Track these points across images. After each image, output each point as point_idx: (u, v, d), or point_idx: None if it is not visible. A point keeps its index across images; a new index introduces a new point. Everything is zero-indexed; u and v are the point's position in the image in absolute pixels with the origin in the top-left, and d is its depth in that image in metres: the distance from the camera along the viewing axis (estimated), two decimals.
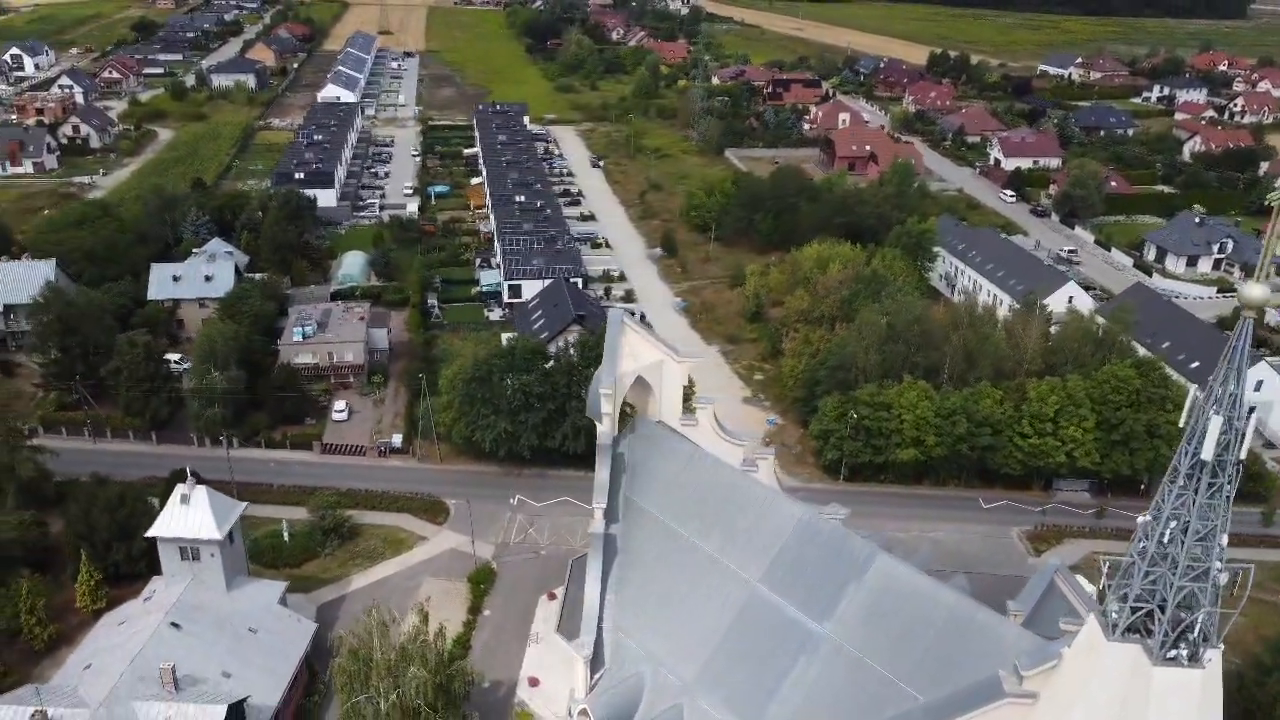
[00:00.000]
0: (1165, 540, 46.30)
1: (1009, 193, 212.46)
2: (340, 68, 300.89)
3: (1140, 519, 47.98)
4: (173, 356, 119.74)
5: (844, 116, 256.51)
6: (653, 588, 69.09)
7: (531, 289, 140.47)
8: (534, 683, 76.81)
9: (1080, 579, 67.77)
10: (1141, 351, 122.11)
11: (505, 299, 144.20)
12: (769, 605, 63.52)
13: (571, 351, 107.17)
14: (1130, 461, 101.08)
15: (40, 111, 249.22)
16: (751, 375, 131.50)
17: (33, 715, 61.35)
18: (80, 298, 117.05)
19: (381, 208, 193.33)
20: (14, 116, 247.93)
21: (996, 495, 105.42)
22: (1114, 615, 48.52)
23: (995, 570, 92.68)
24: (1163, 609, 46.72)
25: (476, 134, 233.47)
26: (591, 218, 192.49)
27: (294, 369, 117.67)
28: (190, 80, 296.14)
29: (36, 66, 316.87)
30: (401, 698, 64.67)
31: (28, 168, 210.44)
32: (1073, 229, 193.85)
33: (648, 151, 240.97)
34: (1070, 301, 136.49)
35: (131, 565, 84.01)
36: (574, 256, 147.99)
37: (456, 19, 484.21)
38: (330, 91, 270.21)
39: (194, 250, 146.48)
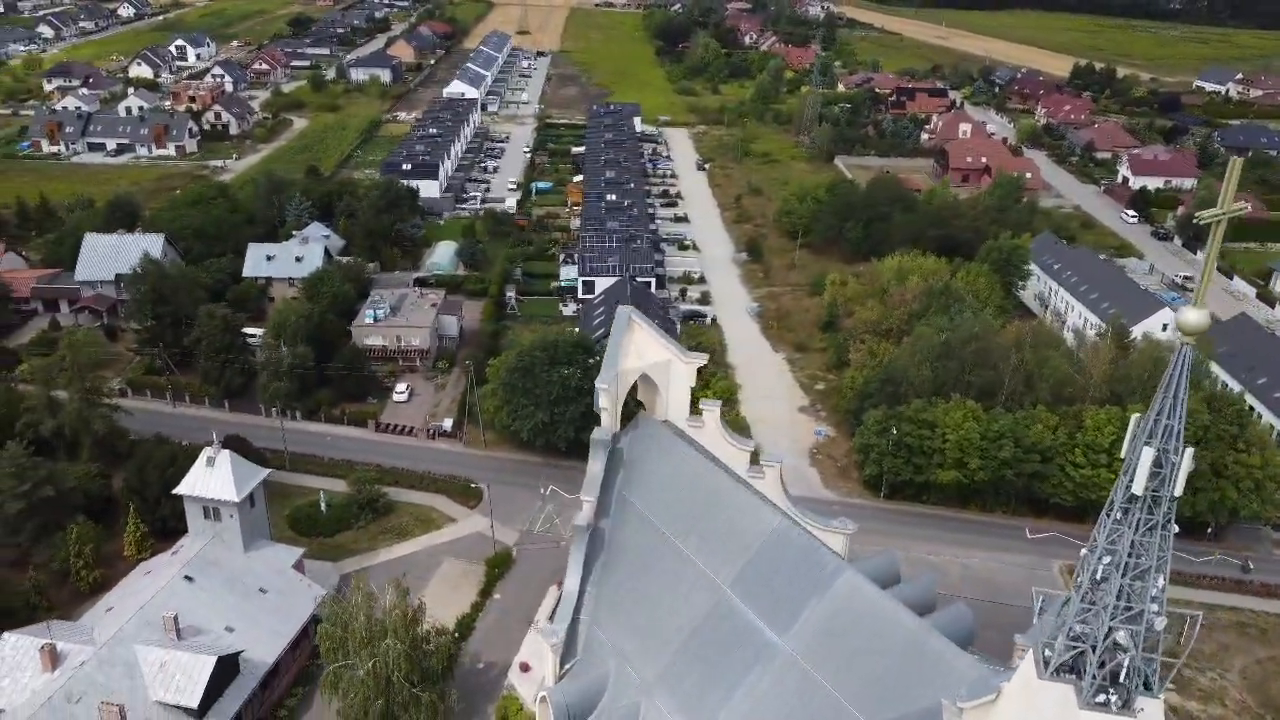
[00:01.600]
0: (1098, 577, 43.64)
1: (1131, 213, 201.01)
2: (470, 65, 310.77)
3: (1082, 551, 45.31)
4: (253, 331, 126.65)
5: (965, 127, 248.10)
6: (631, 584, 69.25)
7: (604, 286, 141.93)
8: (525, 668, 77.78)
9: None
10: (1231, 385, 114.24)
11: (579, 294, 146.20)
12: (734, 611, 62.78)
13: None
14: (1192, 502, 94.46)
15: (192, 99, 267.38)
16: (813, 385, 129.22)
17: (42, 647, 66.49)
18: (174, 270, 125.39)
19: (483, 201, 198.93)
20: (168, 103, 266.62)
21: (1045, 526, 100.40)
22: (1047, 652, 45.93)
23: (1026, 603, 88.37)
24: (1095, 649, 43.99)
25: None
26: (685, 219, 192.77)
27: (361, 349, 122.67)
28: (330, 74, 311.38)
29: (198, 57, 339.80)
30: (376, 667, 67.09)
31: (170, 150, 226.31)
32: (1195, 254, 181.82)
33: (755, 155, 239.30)
34: (1165, 329, 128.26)
35: (178, 521, 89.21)
36: (649, 256, 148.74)
37: (595, 20, 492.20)
38: (455, 88, 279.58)
39: (294, 233, 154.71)
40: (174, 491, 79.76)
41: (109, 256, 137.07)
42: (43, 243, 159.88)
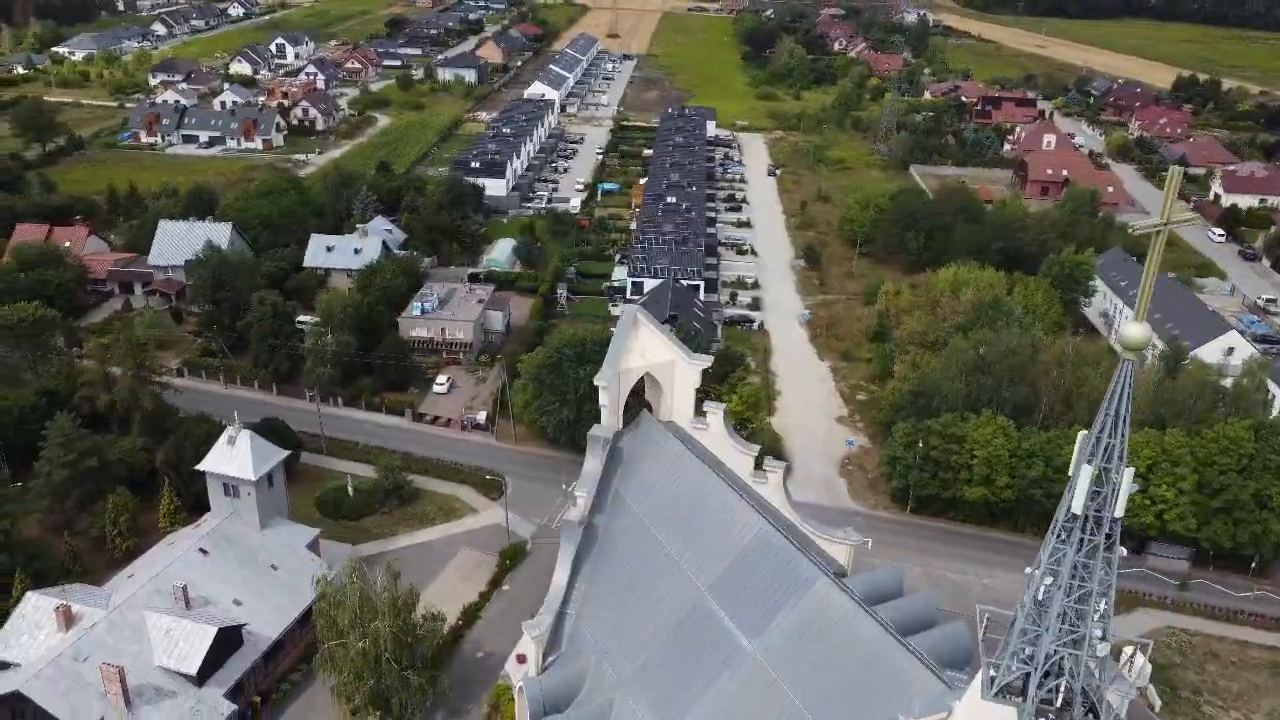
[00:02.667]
0: (1039, 598, 42.20)
1: (1218, 231, 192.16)
2: (552, 67, 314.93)
3: (1026, 570, 43.96)
4: (307, 318, 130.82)
5: (1049, 139, 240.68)
6: (617, 581, 69.46)
7: (652, 287, 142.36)
8: (521, 660, 78.66)
9: (1134, 651, 61.70)
10: None
11: (628, 295, 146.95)
12: (710, 614, 62.44)
13: None
14: (1232, 533, 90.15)
15: (284, 95, 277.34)
16: (854, 395, 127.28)
17: (58, 608, 70.15)
18: (234, 257, 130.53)
19: (549, 200, 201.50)
20: (262, 99, 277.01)
21: None
22: (993, 672, 44.57)
23: None
24: (1036, 672, 42.53)
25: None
26: (748, 224, 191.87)
27: (403, 340, 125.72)
28: (419, 73, 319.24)
29: (296, 55, 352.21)
30: (365, 647, 68.90)
31: (258, 144, 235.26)
32: None
33: (829, 162, 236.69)
34: (1230, 353, 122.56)
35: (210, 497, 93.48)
36: (698, 259, 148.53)
37: (686, 25, 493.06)
38: (536, 89, 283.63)
39: (358, 226, 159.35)
40: (196, 468, 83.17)
41: (180, 243, 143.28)
42: (127, 228, 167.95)
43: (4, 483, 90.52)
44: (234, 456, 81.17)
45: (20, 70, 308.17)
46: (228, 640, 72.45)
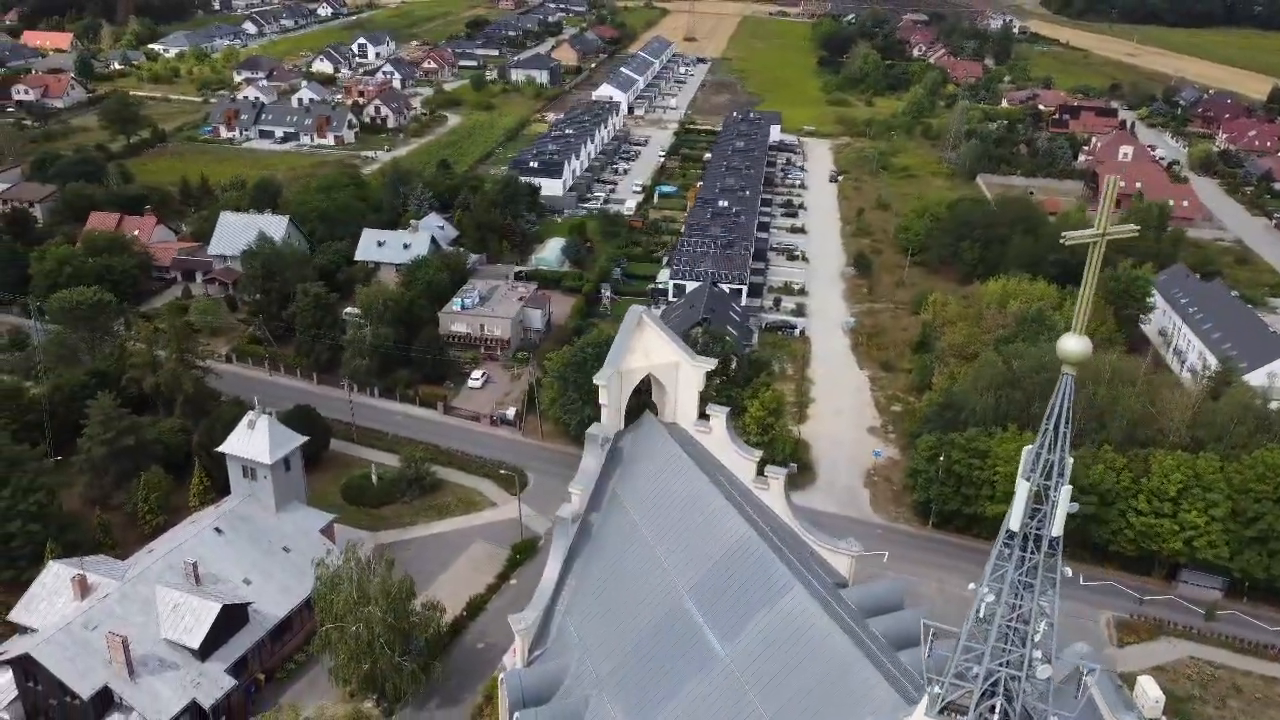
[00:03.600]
0: (981, 614, 41.12)
1: None
2: (623, 69, 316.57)
3: (970, 585, 42.90)
4: (354, 310, 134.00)
5: (1125, 150, 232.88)
6: (605, 579, 69.66)
7: (692, 290, 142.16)
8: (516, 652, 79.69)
9: (1148, 681, 60.02)
10: None
11: (670, 297, 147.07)
12: (687, 617, 62.25)
13: None
14: (1266, 564, 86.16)
15: (361, 94, 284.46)
16: (890, 405, 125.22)
17: (74, 577, 73.37)
18: (285, 249, 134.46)
19: (606, 201, 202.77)
20: (338, 96, 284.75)
21: (1102, 574, 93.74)
22: (938, 689, 43.57)
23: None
24: (975, 692, 41.46)
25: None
26: (802, 230, 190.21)
27: (440, 334, 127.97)
28: (492, 74, 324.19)
29: (377, 55, 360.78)
30: (359, 631, 70.52)
31: (330, 140, 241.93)
32: None
33: (893, 170, 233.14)
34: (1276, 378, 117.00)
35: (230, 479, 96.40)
36: (742, 264, 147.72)
37: (765, 29, 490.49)
38: (604, 91, 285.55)
39: (412, 222, 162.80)
40: (218, 450, 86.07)
41: (239, 234, 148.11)
42: (196, 218, 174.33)
43: (45, 458, 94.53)
44: (252, 440, 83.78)
45: (116, 66, 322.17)
46: (233, 617, 74.82)
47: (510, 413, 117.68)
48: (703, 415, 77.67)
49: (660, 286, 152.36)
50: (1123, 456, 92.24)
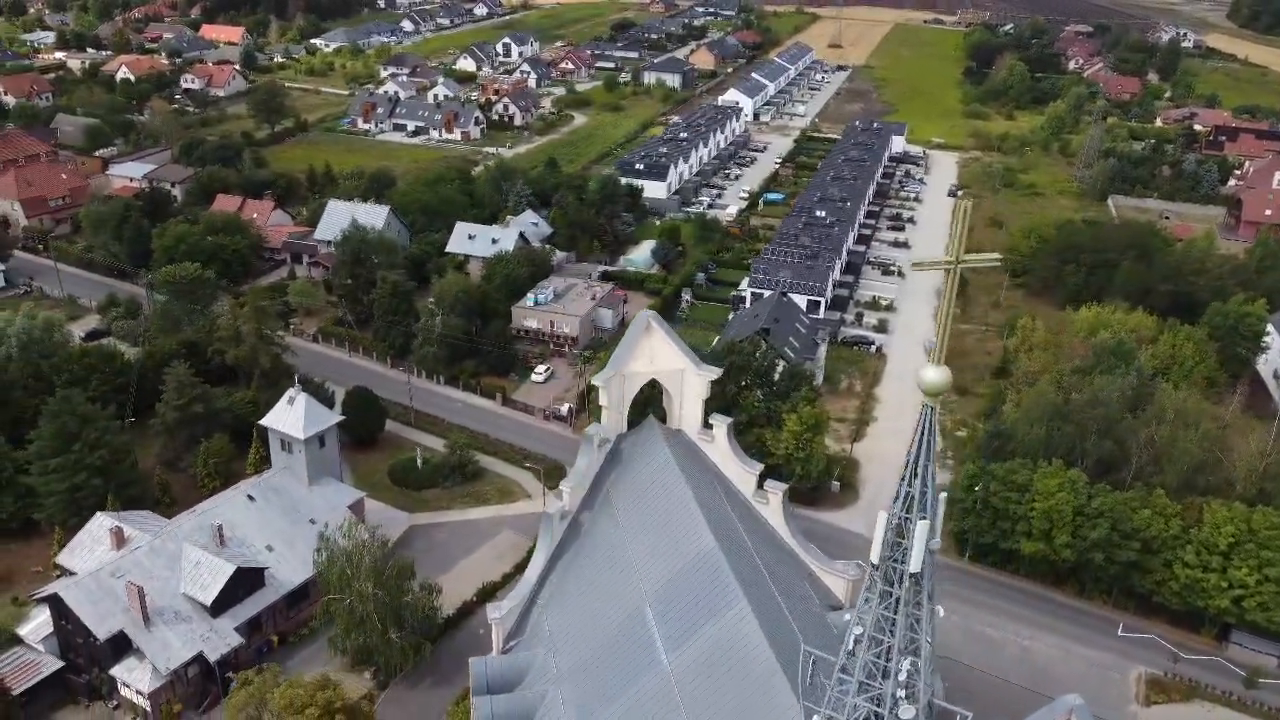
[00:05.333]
0: (851, 647, 39.92)
1: None
2: (754, 74, 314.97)
3: (844, 616, 41.63)
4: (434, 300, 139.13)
5: None
6: (584, 577, 70.50)
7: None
8: None
9: None
10: None
11: (747, 304, 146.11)
12: (643, 623, 62.43)
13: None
14: None
15: (496, 92, 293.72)
16: (954, 431, 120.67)
17: (111, 529, 79.71)
18: (374, 238, 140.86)
19: (710, 206, 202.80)
20: (475, 94, 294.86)
21: (1144, 626, 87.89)
22: (816, 718, 42.49)
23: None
24: None
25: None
26: (905, 244, 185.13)
27: (512, 328, 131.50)
28: (626, 76, 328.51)
29: (519, 54, 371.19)
30: (352, 605, 73.92)
31: (457, 135, 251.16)
32: None
33: (1019, 187, 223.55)
34: None
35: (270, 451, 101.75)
36: (822, 275, 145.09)
37: (916, 37, 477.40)
38: (730, 96, 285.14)
39: (508, 218, 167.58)
40: (259, 422, 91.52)
41: (343, 220, 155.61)
42: (315, 204, 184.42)
43: (120, 418, 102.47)
44: (290, 416, 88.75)
45: (278, 59, 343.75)
46: (248, 579, 79.57)
47: (564, 409, 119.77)
48: (706, 424, 77.75)
49: (740, 294, 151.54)
50: (1176, 503, 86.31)
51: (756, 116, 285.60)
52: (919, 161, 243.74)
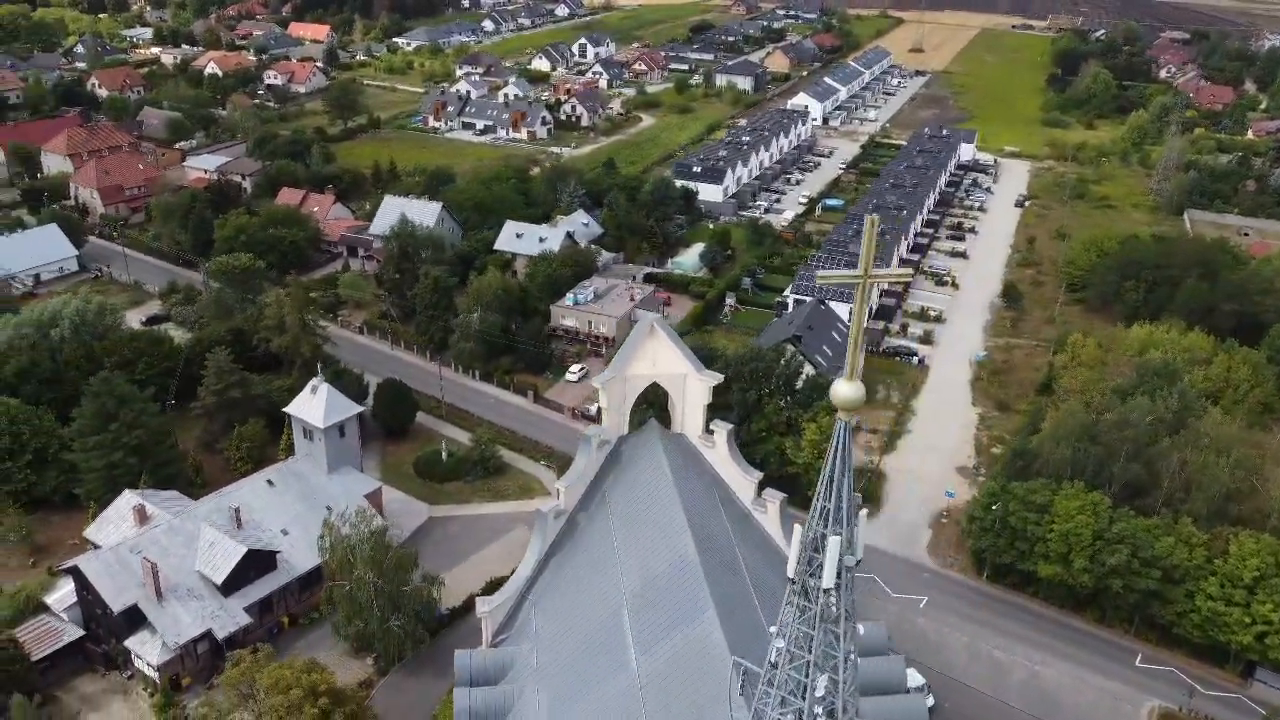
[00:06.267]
0: (773, 660, 39.51)
1: None
2: (826, 79, 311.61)
3: (771, 628, 41.19)
4: None
5: None
6: (574, 576, 71.05)
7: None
8: None
9: None
10: None
11: (789, 310, 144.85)
12: (619, 625, 62.65)
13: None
14: None
15: (568, 92, 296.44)
16: (990, 447, 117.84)
17: (134, 506, 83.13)
18: (420, 234, 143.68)
19: (767, 210, 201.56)
20: (546, 94, 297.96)
21: (1164, 658, 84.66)
22: None
23: None
24: None
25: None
26: (963, 255, 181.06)
27: (550, 327, 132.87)
28: (698, 78, 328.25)
29: (596, 56, 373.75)
30: (352, 591, 75.80)
31: (523, 134, 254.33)
32: None
33: (1090, 199, 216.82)
34: None
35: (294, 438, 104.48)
36: None
37: (1002, 43, 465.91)
38: (799, 100, 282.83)
39: (558, 217, 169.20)
40: (284, 409, 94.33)
41: (398, 216, 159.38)
42: (376, 199, 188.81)
43: (160, 400, 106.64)
44: (312, 405, 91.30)
45: (360, 57, 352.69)
46: (260, 561, 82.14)
47: (594, 408, 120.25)
48: (708, 429, 77.57)
49: (784, 300, 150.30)
50: (1203, 532, 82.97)
51: (825, 121, 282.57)
52: (988, 170, 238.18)
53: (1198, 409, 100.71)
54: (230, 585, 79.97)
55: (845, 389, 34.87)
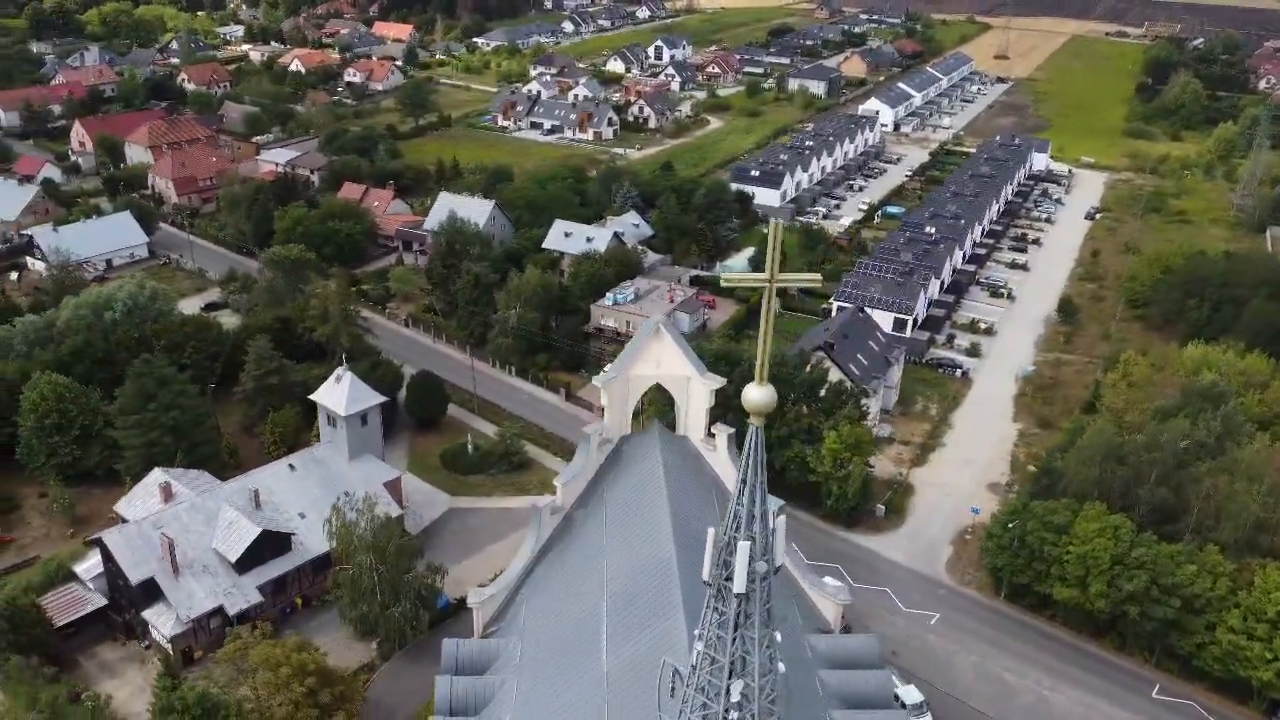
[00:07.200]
0: (695, 663, 39.39)
1: None
2: (900, 84, 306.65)
3: (695, 630, 40.99)
4: None
5: None
6: (563, 572, 71.72)
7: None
8: None
9: None
10: None
11: (833, 316, 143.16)
12: (597, 622, 63.10)
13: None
14: None
15: (638, 94, 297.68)
16: (1027, 464, 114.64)
17: (160, 483, 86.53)
18: (467, 230, 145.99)
19: (826, 215, 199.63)
20: (616, 95, 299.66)
21: (1184, 691, 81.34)
22: None
23: None
24: None
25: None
26: (1023, 266, 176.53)
27: (590, 326, 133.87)
28: (770, 82, 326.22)
29: (671, 58, 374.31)
30: (354, 575, 77.70)
31: (589, 135, 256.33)
32: None
33: (1167, 213, 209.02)
34: None
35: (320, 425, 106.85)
36: (911, 293, 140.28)
37: (1092, 50, 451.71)
38: (870, 105, 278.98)
39: (609, 218, 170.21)
40: (310, 397, 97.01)
41: (454, 212, 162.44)
42: (437, 196, 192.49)
43: (199, 383, 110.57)
44: (336, 392, 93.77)
45: (439, 56, 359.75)
46: (274, 542, 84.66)
47: None
48: (710, 432, 77.50)
49: (829, 306, 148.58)
50: (1230, 562, 79.54)
51: (897, 127, 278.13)
52: (1061, 181, 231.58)
53: (1242, 434, 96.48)
54: (244, 564, 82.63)
55: (755, 393, 34.65)
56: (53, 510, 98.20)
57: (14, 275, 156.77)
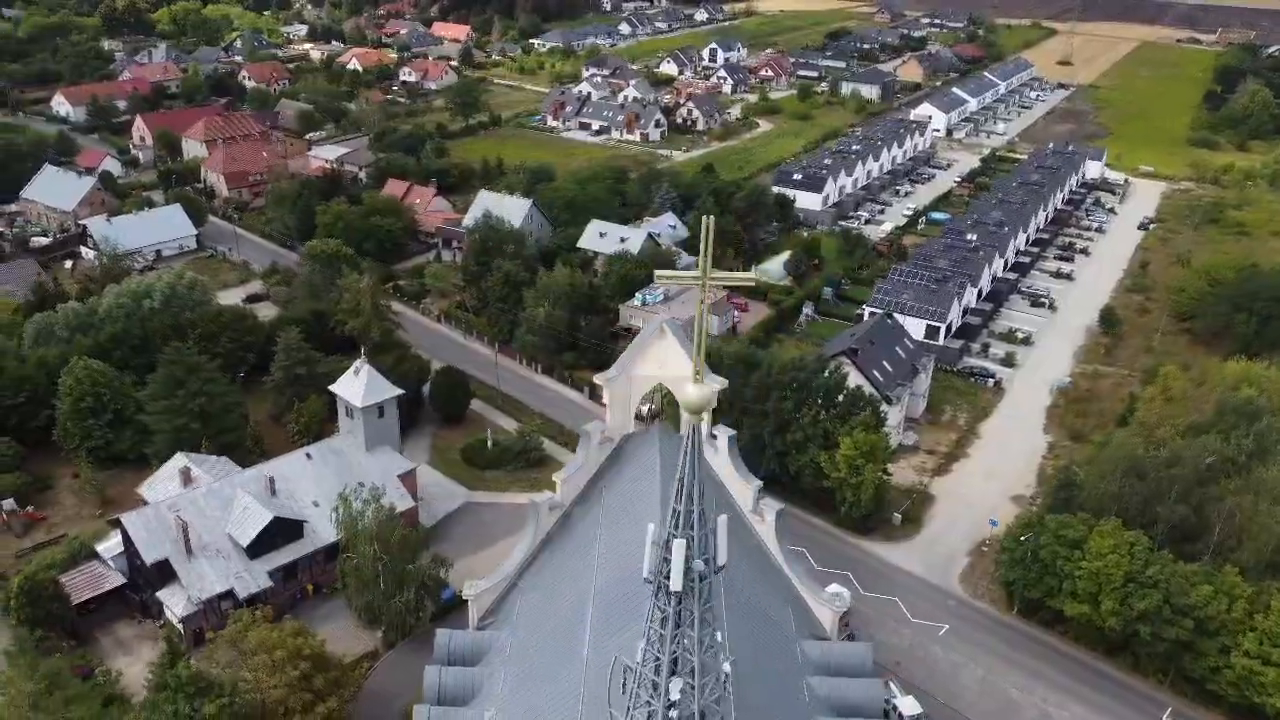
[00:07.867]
0: (639, 659, 39.43)
1: None
2: (955, 89, 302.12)
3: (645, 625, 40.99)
4: None
5: None
6: (559, 567, 72.18)
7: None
8: None
9: None
10: None
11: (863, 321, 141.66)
12: (583, 615, 63.42)
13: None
14: None
15: (688, 96, 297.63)
16: (1054, 477, 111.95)
17: (180, 468, 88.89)
18: (500, 228, 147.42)
19: (868, 220, 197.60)
20: (667, 97, 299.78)
21: (1198, 715, 78.88)
22: None
23: None
24: None
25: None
26: (1068, 276, 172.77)
27: (606, 324, 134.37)
28: (823, 86, 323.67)
29: (725, 60, 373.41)
30: (358, 565, 79.05)
31: (636, 136, 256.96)
32: None
33: (1227, 224, 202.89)
34: None
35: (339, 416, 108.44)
36: (944, 300, 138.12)
37: (1160, 57, 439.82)
38: (922, 110, 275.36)
39: (649, 219, 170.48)
40: (329, 388, 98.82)
41: (490, 211, 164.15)
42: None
43: (229, 371, 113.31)
44: (354, 384, 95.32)
45: (495, 57, 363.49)
46: (286, 529, 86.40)
47: (645, 408, 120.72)
48: (711, 434, 77.23)
49: (861, 312, 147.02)
50: (1250, 585, 77.02)
51: (949, 133, 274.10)
52: (1116, 190, 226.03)
53: (1276, 452, 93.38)
54: (256, 549, 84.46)
55: (692, 391, 34.65)
56: (84, 491, 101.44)
57: (68, 264, 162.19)
